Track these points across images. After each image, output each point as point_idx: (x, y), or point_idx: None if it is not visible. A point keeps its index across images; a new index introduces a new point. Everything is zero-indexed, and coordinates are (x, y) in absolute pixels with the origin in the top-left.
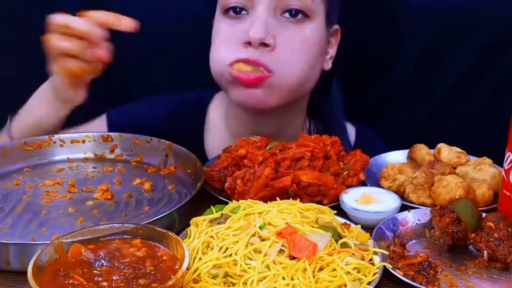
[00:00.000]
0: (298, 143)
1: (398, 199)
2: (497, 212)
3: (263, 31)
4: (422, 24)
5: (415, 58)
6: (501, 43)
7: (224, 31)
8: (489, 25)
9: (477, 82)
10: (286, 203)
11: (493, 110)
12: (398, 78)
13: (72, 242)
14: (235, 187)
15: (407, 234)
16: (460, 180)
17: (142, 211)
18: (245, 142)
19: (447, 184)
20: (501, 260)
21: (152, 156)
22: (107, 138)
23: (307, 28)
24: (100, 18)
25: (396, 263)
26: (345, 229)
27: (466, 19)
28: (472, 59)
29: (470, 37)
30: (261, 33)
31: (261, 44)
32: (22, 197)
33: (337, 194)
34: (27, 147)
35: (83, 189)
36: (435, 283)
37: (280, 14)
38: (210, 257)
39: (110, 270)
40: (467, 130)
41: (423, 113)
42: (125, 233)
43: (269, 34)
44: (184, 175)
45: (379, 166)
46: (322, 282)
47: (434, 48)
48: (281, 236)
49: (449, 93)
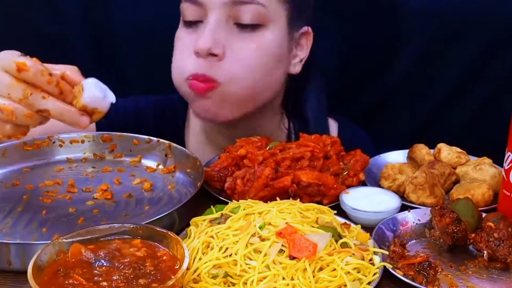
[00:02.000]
0: (298, 143)
1: (398, 199)
2: (497, 212)
3: (210, 41)
4: (422, 24)
5: (414, 58)
6: (501, 43)
7: (181, 39)
8: (489, 25)
9: (477, 82)
10: (286, 203)
11: (493, 110)
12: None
13: (72, 242)
14: (235, 187)
15: (407, 234)
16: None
17: (142, 211)
18: (245, 142)
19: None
20: (501, 260)
21: (151, 156)
22: (106, 138)
23: (262, 36)
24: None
25: (396, 263)
26: (345, 229)
27: (466, 19)
28: (472, 59)
29: (470, 37)
30: (208, 42)
31: (209, 54)
32: (22, 197)
33: (337, 194)
34: (26, 147)
35: (83, 189)
36: (435, 283)
37: (232, 23)
38: (210, 257)
39: (110, 270)
40: (467, 130)
41: (423, 113)
42: (125, 233)
43: (218, 43)
44: (184, 175)
45: (379, 166)
46: (322, 282)
47: (434, 48)
48: (281, 236)
49: (449, 93)
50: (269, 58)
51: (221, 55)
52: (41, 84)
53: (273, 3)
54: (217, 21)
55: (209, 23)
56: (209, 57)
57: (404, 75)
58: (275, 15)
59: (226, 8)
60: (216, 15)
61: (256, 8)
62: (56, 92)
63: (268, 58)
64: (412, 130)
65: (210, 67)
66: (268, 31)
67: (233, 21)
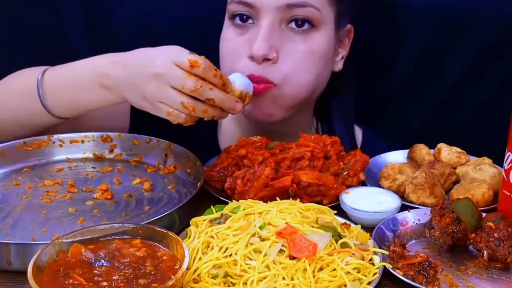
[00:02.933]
0: (298, 143)
1: (398, 199)
2: (497, 212)
3: (265, 47)
4: (422, 24)
5: (415, 58)
6: (501, 43)
7: (231, 40)
8: (489, 25)
9: (477, 82)
10: (286, 203)
11: (493, 110)
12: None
13: (72, 242)
14: (235, 187)
15: (407, 234)
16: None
17: (143, 211)
18: (245, 142)
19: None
20: (501, 260)
21: (151, 155)
22: (106, 138)
23: (313, 39)
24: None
25: (396, 263)
26: (345, 229)
27: (466, 19)
28: (472, 59)
29: (470, 37)
30: (264, 49)
31: (264, 60)
32: (22, 197)
33: (337, 194)
34: (26, 147)
35: (83, 189)
36: (435, 283)
37: (285, 25)
38: (210, 257)
39: (110, 270)
40: (467, 130)
41: (423, 113)
42: (125, 233)
43: (272, 48)
44: (184, 174)
45: (379, 166)
46: (322, 282)
47: (434, 48)
48: (281, 236)
49: (449, 93)
50: (320, 59)
51: (275, 59)
52: (209, 77)
53: (326, 6)
54: (270, 25)
55: (262, 27)
56: (264, 62)
57: (404, 75)
58: (326, 18)
59: (280, 11)
60: (270, 17)
61: (309, 11)
62: (220, 84)
63: (320, 59)
64: (412, 130)
65: (264, 70)
66: (319, 33)
67: (286, 24)
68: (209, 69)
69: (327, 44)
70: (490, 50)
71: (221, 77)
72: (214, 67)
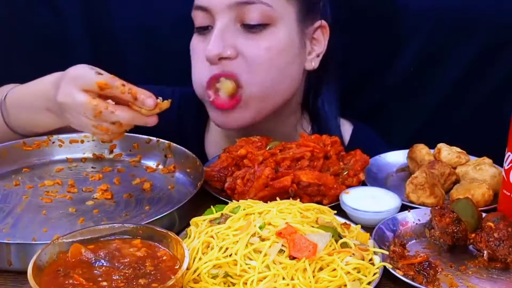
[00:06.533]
0: (298, 143)
1: (398, 199)
2: (497, 212)
3: (218, 47)
4: (422, 24)
5: (415, 58)
6: (501, 43)
7: (195, 48)
8: (489, 25)
9: (477, 82)
10: (286, 203)
11: (493, 110)
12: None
13: (72, 242)
14: (235, 187)
15: (407, 234)
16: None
17: (142, 211)
18: (245, 142)
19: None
20: (501, 260)
21: (151, 156)
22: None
23: (270, 35)
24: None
25: (396, 263)
26: (345, 229)
27: (465, 19)
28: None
29: (470, 37)
30: (217, 48)
31: (221, 59)
32: (22, 197)
33: (337, 194)
34: (25, 147)
35: (82, 189)
36: (435, 283)
37: (240, 25)
38: (210, 257)
39: (110, 270)
40: (467, 130)
41: (423, 113)
42: (125, 233)
43: (227, 47)
44: (184, 175)
45: (379, 166)
46: (322, 282)
47: (434, 48)
48: (281, 236)
49: (449, 93)
50: (280, 55)
51: (233, 56)
52: (118, 95)
53: (279, 1)
54: (224, 25)
55: (216, 28)
56: (222, 61)
57: (404, 75)
58: (283, 13)
59: (232, 11)
60: (223, 19)
61: (261, 7)
62: (132, 99)
63: (279, 54)
64: (412, 130)
65: (224, 68)
66: (277, 29)
67: (240, 23)
68: (117, 87)
69: (286, 40)
70: (490, 50)
71: (130, 91)
72: (122, 82)
